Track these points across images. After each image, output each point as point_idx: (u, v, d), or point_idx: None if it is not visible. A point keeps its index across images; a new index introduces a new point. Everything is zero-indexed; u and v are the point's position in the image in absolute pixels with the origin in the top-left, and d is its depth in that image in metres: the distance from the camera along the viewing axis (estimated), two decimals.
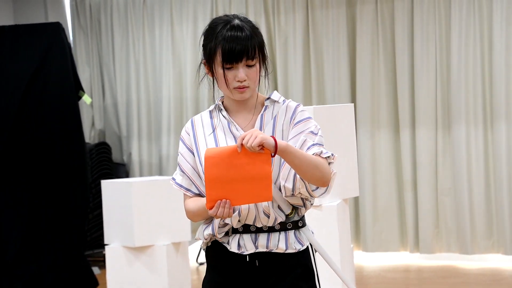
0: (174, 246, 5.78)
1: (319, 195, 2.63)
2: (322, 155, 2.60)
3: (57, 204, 6.72)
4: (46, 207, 6.70)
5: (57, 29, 6.86)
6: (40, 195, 6.69)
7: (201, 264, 7.80)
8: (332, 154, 2.62)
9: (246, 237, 2.68)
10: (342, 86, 7.73)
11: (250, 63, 2.64)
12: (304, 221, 2.74)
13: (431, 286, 6.70)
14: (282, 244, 2.67)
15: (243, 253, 2.68)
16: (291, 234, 2.69)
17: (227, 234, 2.71)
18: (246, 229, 2.68)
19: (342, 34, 7.74)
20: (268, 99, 2.74)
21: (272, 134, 2.68)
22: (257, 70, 2.66)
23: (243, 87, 2.65)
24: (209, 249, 2.76)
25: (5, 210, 6.71)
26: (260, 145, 2.49)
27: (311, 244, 2.74)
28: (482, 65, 7.24)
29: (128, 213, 5.69)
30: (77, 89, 6.90)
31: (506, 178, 7.14)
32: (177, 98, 8.39)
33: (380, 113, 7.63)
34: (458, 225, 7.33)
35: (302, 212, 2.72)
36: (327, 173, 2.59)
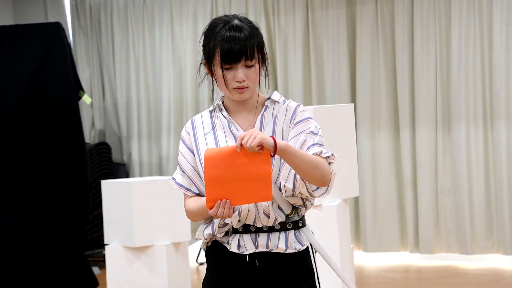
0: (174, 246, 5.78)
1: (319, 195, 2.63)
2: (322, 155, 2.60)
3: (57, 204, 6.72)
4: (46, 207, 6.70)
5: (57, 29, 6.85)
6: (40, 195, 6.69)
7: (201, 264, 7.80)
8: (332, 154, 2.62)
9: (246, 237, 2.68)
10: (342, 86, 7.72)
11: (249, 64, 2.63)
12: (304, 221, 2.74)
13: (431, 286, 6.70)
14: (282, 244, 2.67)
15: (243, 253, 2.68)
16: (291, 234, 2.69)
17: (227, 234, 2.71)
18: (246, 229, 2.68)
19: (342, 34, 7.74)
20: (269, 99, 2.74)
21: (272, 134, 2.68)
22: (257, 71, 2.66)
23: (242, 88, 2.65)
24: (209, 249, 2.76)
25: (5, 210, 6.70)
26: (260, 145, 2.49)
27: (311, 244, 2.74)
28: (482, 65, 7.24)
29: (128, 213, 5.69)
30: (77, 89, 6.90)
31: (506, 178, 7.14)
32: (177, 98, 8.39)
33: (380, 113, 7.63)
34: (458, 225, 7.33)
35: (302, 212, 2.72)
36: (327, 173, 2.59)
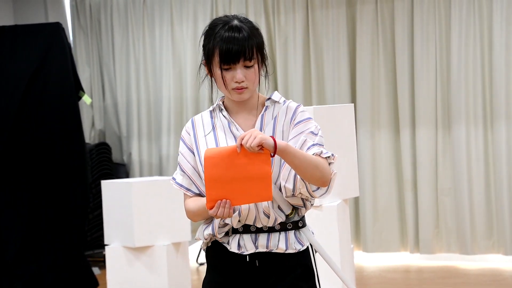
0: (174, 246, 5.77)
1: (319, 195, 2.63)
2: (322, 155, 2.60)
3: (57, 204, 6.72)
4: (46, 207, 6.70)
5: (57, 29, 6.86)
6: (40, 195, 6.69)
7: (201, 264, 7.80)
8: (332, 154, 2.62)
9: (246, 237, 2.68)
10: (342, 86, 7.72)
11: (248, 64, 2.63)
12: (304, 221, 2.74)
13: (431, 286, 6.70)
14: (282, 244, 2.67)
15: (243, 253, 2.68)
16: (291, 234, 2.69)
17: (227, 234, 2.70)
18: (246, 229, 2.68)
19: (342, 34, 7.73)
20: (269, 99, 2.73)
21: (272, 134, 2.68)
22: (256, 71, 2.65)
23: (241, 88, 2.65)
24: (209, 249, 2.76)
25: (5, 210, 6.70)
26: (260, 145, 2.49)
27: (311, 244, 2.74)
28: (482, 65, 7.24)
29: (128, 213, 5.69)
30: (77, 89, 6.90)
31: (506, 178, 7.14)
32: (177, 98, 8.39)
33: (380, 113, 7.62)
34: (458, 225, 7.32)
35: (302, 212, 2.72)
36: (327, 173, 2.59)
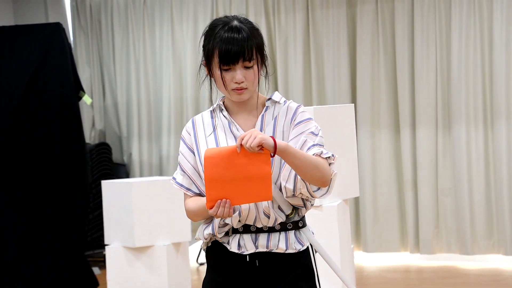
0: (174, 247, 5.77)
1: (320, 195, 2.63)
2: (322, 155, 2.60)
3: (57, 204, 6.72)
4: (46, 207, 6.70)
5: (57, 29, 6.85)
6: (40, 195, 6.69)
7: (201, 264, 7.80)
8: (332, 155, 2.62)
9: (246, 237, 2.68)
10: (342, 86, 7.72)
11: (248, 65, 2.63)
12: (304, 221, 2.73)
13: (431, 286, 6.69)
14: (282, 244, 2.67)
15: (243, 253, 2.68)
16: (291, 234, 2.69)
17: (227, 234, 2.70)
18: (246, 229, 2.68)
19: (342, 34, 7.73)
20: (269, 99, 2.73)
21: (273, 134, 2.67)
22: (255, 72, 2.65)
23: (241, 89, 2.64)
24: (209, 249, 2.76)
25: (5, 210, 6.70)
26: (260, 146, 2.49)
27: (311, 244, 2.74)
28: (482, 65, 7.24)
29: (128, 214, 5.69)
30: (77, 90, 6.90)
31: (507, 178, 7.13)
32: (177, 98, 8.39)
33: (381, 113, 7.62)
34: (458, 225, 7.32)
35: (303, 212, 2.72)
36: (327, 174, 2.59)
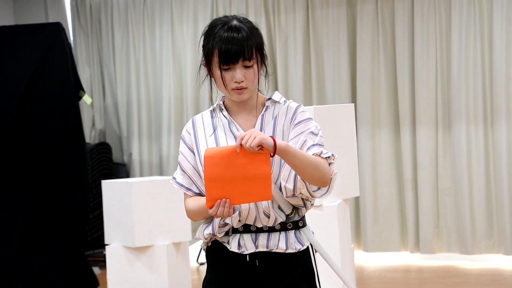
0: (174, 246, 5.77)
1: (320, 195, 2.63)
2: (322, 155, 2.60)
3: (57, 204, 6.72)
4: (46, 207, 6.70)
5: (57, 29, 6.85)
6: (40, 195, 6.69)
7: (201, 264, 7.80)
8: (332, 155, 2.62)
9: (247, 237, 2.68)
10: (343, 86, 7.72)
11: (248, 64, 2.63)
12: (304, 221, 2.73)
13: (431, 286, 6.69)
14: (282, 243, 2.67)
15: (243, 253, 2.68)
16: (291, 234, 2.69)
17: (227, 233, 2.70)
18: (246, 229, 2.68)
19: (342, 34, 7.73)
20: (269, 99, 2.73)
21: (273, 134, 2.67)
22: (255, 71, 2.65)
23: (241, 88, 2.64)
24: (209, 249, 2.76)
25: (5, 210, 6.70)
26: (259, 145, 2.49)
27: (311, 244, 2.74)
28: (482, 65, 7.24)
29: (129, 213, 5.68)
30: (77, 89, 6.90)
31: (507, 178, 7.13)
32: (177, 98, 8.39)
33: (381, 113, 7.62)
34: (459, 225, 7.32)
35: (303, 212, 2.72)
36: (327, 173, 2.59)
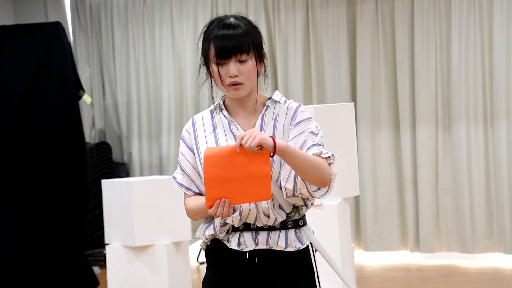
0: (174, 246, 5.77)
1: (320, 196, 2.63)
2: (322, 155, 2.59)
3: (57, 204, 6.71)
4: (46, 207, 6.70)
5: (57, 28, 6.85)
6: (40, 195, 6.69)
7: (201, 263, 7.80)
8: (332, 155, 2.62)
9: (247, 235, 2.68)
10: (343, 85, 7.72)
11: (242, 58, 2.63)
12: (304, 220, 2.73)
13: (431, 285, 6.69)
14: (282, 241, 2.67)
15: (243, 250, 2.68)
16: (292, 233, 2.69)
17: (227, 232, 2.70)
18: (246, 227, 2.68)
19: (342, 33, 7.73)
20: (270, 99, 2.73)
21: (273, 134, 2.67)
22: (251, 67, 2.64)
23: (236, 84, 2.64)
24: (208, 248, 2.76)
25: (5, 210, 6.70)
26: (259, 146, 2.49)
27: (311, 243, 2.74)
28: (482, 64, 7.23)
29: (129, 213, 5.69)
30: (77, 89, 6.90)
31: (507, 177, 7.14)
32: (177, 97, 8.39)
33: (381, 112, 7.62)
34: (459, 224, 7.32)
35: (303, 211, 2.72)
36: (327, 174, 2.59)
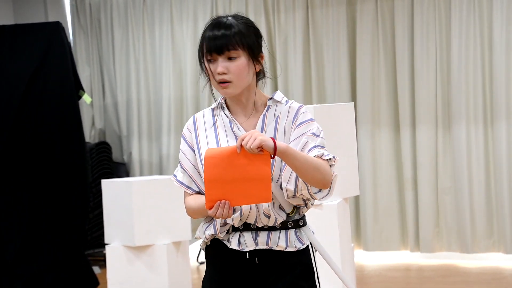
0: (174, 245, 5.77)
1: (321, 197, 2.62)
2: (323, 157, 2.59)
3: (57, 204, 6.71)
4: (46, 207, 6.69)
5: (57, 28, 6.85)
6: (40, 195, 6.69)
7: (201, 263, 7.80)
8: (333, 157, 2.61)
9: (247, 235, 2.67)
10: (343, 85, 7.72)
11: (231, 55, 2.61)
12: (305, 220, 2.73)
13: (431, 285, 6.69)
14: (282, 241, 2.67)
15: (243, 250, 2.67)
16: (292, 233, 2.69)
17: (227, 232, 2.70)
18: (246, 227, 2.68)
19: (342, 33, 7.73)
20: (271, 99, 2.72)
21: (274, 135, 2.67)
22: (241, 65, 2.62)
23: (224, 82, 2.63)
24: (208, 248, 2.75)
25: (5, 210, 6.70)
26: (260, 147, 2.48)
27: (311, 243, 2.74)
28: (482, 64, 7.23)
29: (128, 213, 5.68)
30: (77, 89, 6.90)
31: (507, 177, 7.13)
32: (177, 97, 8.39)
33: (381, 112, 7.62)
34: (459, 224, 7.32)
35: (303, 211, 2.72)
36: (328, 175, 2.58)
